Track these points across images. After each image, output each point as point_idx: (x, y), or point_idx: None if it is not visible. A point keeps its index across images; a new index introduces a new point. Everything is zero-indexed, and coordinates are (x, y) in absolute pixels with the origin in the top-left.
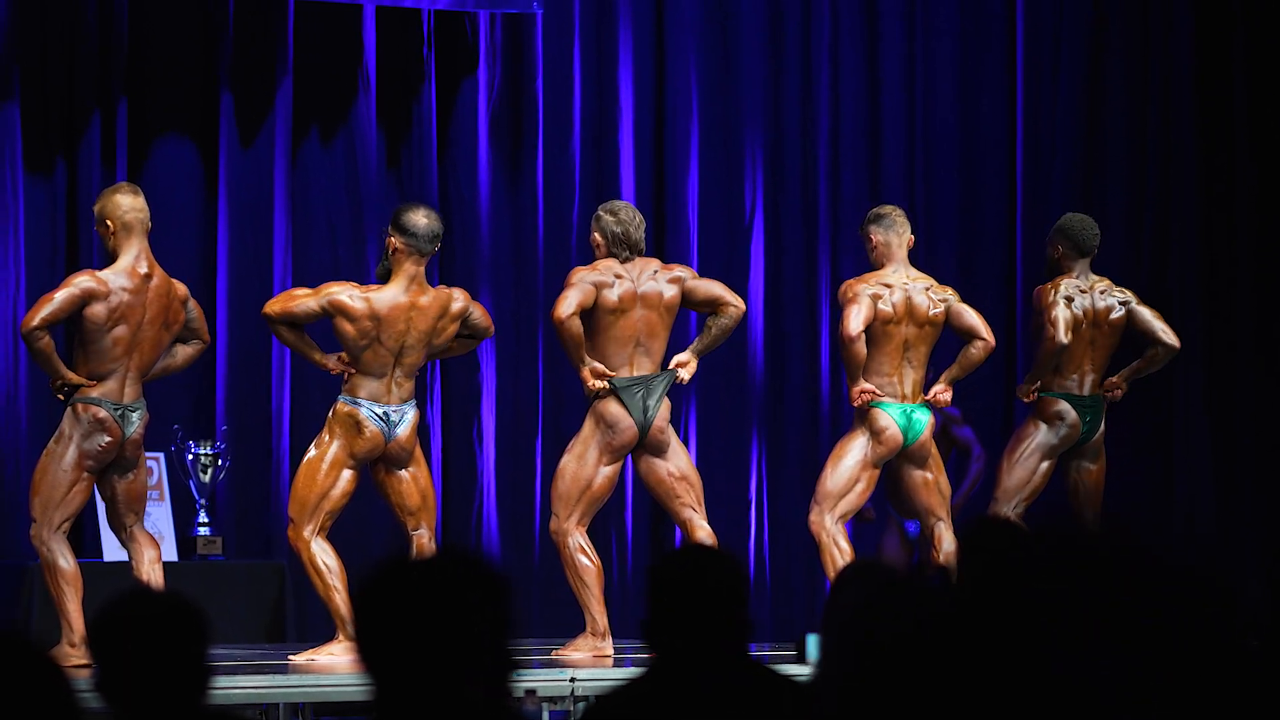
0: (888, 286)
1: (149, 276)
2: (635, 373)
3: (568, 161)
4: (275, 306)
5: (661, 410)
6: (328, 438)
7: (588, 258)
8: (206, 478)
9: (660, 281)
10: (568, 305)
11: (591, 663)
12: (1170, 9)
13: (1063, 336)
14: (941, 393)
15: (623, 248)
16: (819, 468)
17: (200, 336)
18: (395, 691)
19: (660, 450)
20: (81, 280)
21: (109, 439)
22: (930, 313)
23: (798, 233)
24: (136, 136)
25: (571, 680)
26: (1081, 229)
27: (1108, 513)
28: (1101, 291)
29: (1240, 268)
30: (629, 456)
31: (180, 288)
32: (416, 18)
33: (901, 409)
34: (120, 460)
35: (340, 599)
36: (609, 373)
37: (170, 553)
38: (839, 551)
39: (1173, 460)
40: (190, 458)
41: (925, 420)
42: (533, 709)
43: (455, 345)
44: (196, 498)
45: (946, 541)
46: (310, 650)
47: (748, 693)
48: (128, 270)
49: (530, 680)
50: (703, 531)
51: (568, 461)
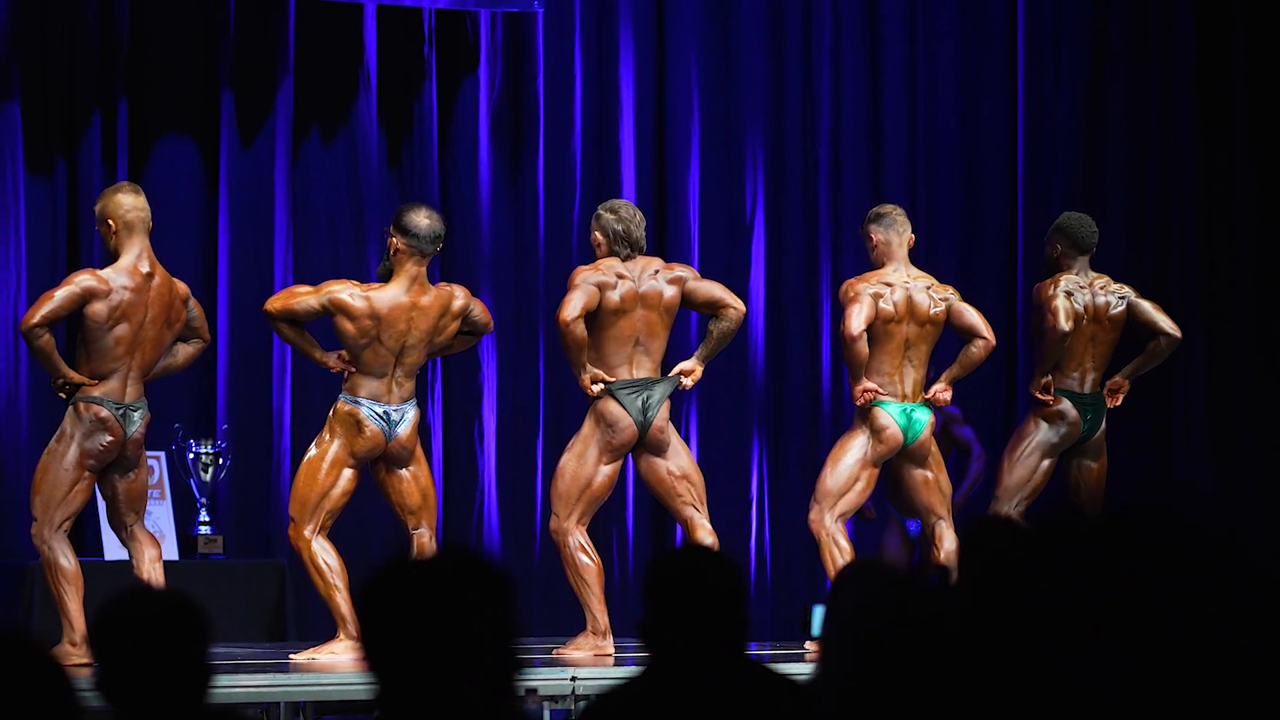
0: (889, 285)
1: (150, 276)
2: (635, 372)
3: (568, 161)
4: (276, 303)
5: (661, 410)
6: (328, 437)
7: (588, 257)
8: (207, 477)
9: (661, 281)
10: (573, 308)
11: (592, 661)
12: (1170, 10)
13: (1064, 324)
14: (942, 392)
15: (624, 246)
16: (819, 468)
17: (201, 336)
18: (398, 690)
19: (660, 449)
20: (82, 279)
21: (110, 438)
22: (931, 312)
23: (798, 233)
24: (137, 136)
25: (572, 679)
26: (1080, 227)
27: (1108, 510)
28: (1101, 288)
29: (1240, 268)
30: (629, 456)
31: (181, 287)
32: (417, 17)
33: (902, 408)
34: (121, 459)
35: (341, 598)
36: (607, 378)
37: (171, 551)
38: (839, 550)
39: (1172, 460)
40: (191, 457)
41: (925, 419)
42: (534, 708)
43: (456, 342)
44: (197, 496)
45: (947, 540)
46: (311, 649)
47: (747, 693)
48: (129, 269)
49: (531, 679)
50: (704, 530)
51: (568, 460)
